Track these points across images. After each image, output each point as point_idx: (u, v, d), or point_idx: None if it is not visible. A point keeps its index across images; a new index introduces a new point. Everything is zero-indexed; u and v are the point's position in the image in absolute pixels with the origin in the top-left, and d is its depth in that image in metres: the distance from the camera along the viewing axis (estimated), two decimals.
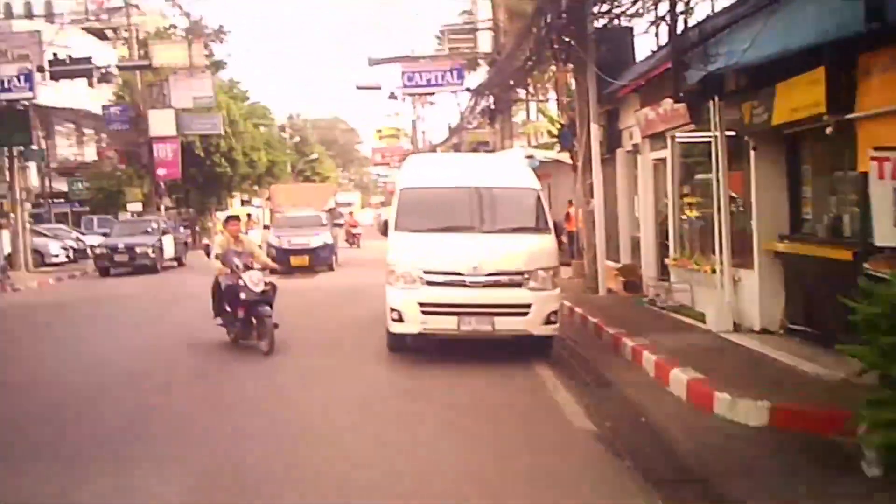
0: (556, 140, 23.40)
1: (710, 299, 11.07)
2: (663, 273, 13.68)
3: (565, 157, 20.86)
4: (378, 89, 31.93)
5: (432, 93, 30.19)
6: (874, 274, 6.82)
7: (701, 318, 11.04)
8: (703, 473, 5.74)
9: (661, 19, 13.27)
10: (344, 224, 38.15)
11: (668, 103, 12.01)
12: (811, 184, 9.31)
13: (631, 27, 16.42)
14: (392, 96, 32.59)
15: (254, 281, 10.40)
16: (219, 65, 45.12)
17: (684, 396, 7.74)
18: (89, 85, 40.67)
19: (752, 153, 9.79)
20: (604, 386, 8.59)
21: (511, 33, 23.25)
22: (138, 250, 24.96)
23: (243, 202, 54.09)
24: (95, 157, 40.92)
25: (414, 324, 9.41)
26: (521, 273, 9.39)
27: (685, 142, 12.71)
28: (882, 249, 7.01)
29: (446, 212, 10.18)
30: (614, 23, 14.81)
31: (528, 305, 9.32)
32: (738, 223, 10.53)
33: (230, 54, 52.84)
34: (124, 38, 39.47)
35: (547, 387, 8.58)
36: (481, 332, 9.34)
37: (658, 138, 13.45)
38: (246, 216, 30.43)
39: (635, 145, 14.63)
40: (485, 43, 28.86)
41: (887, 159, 6.36)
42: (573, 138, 16.95)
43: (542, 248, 9.77)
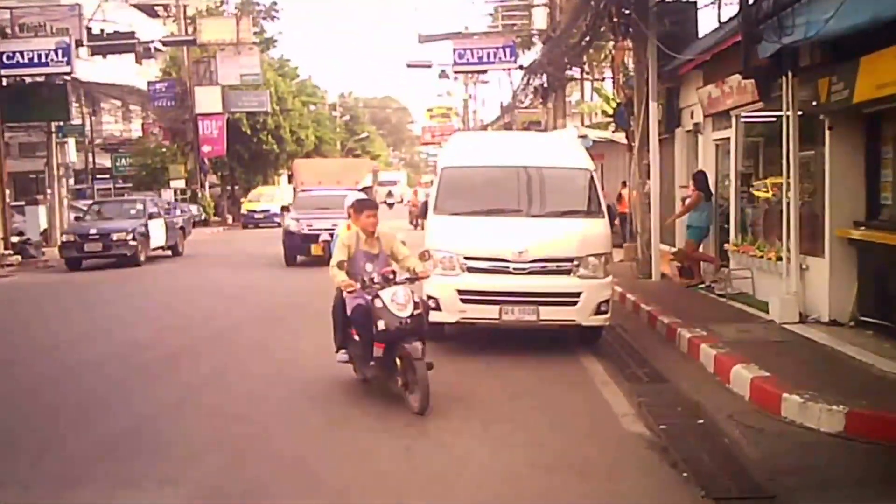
0: (610, 119, 22.65)
1: (773, 288, 10.38)
2: (722, 258, 12.93)
3: (620, 137, 20.15)
4: (429, 67, 31.36)
5: (484, 71, 29.43)
6: None
7: (763, 307, 10.35)
8: (771, 488, 5.11)
9: None
10: (407, 203, 36.30)
11: (734, 80, 11.26)
12: (892, 167, 8.50)
13: (695, 1, 15.62)
14: (443, 74, 32.06)
15: (399, 302, 6.97)
16: (269, 42, 45.02)
17: (747, 396, 7.09)
18: (137, 62, 40.92)
19: (826, 133, 9.01)
20: (657, 381, 7.96)
21: (567, 10, 22.43)
22: (114, 237, 20.27)
23: (289, 179, 54.09)
24: (140, 134, 41.11)
25: (452, 313, 8.82)
26: (570, 259, 8.77)
27: (751, 121, 11.92)
28: None
29: (491, 193, 9.59)
30: None
31: (577, 294, 8.70)
32: (808, 208, 9.77)
33: (281, 32, 52.64)
34: (173, 15, 39.48)
35: (594, 382, 7.96)
36: (525, 321, 8.74)
37: (721, 117, 12.65)
38: None
39: (696, 125, 13.83)
40: (540, 20, 28.07)
41: None
42: (629, 117, 16.20)
43: (594, 232, 9.13)
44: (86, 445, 6.25)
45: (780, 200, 11.39)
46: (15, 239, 22.50)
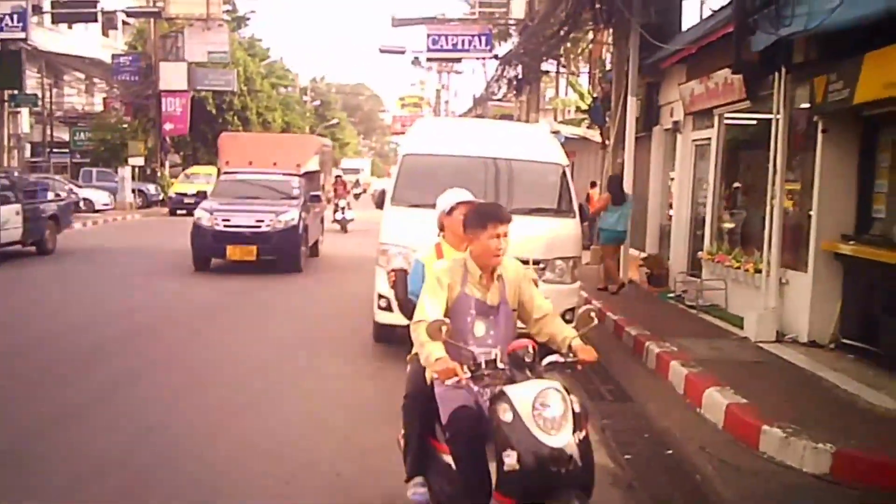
0: (584, 116, 21.96)
1: (748, 302, 9.69)
2: (694, 267, 12.22)
3: (593, 135, 19.47)
4: (402, 53, 30.33)
5: (458, 59, 28.58)
6: None
7: (736, 322, 9.66)
8: None
9: None
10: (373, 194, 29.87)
11: (719, 76, 10.53)
12: (888, 177, 7.78)
13: None
14: (416, 61, 31.13)
15: (548, 416, 3.43)
16: (240, 21, 43.81)
17: (721, 423, 6.33)
18: (104, 33, 39.50)
19: (819, 136, 8.27)
20: (622, 401, 7.20)
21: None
22: None
23: None
24: (102, 109, 39.63)
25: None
26: (536, 262, 7.96)
27: (736, 122, 11.20)
28: None
29: (454, 185, 8.72)
30: None
31: None
32: (792, 218, 9.06)
33: (254, 11, 51.16)
34: None
35: None
36: None
37: (703, 116, 11.92)
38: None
39: (676, 123, 13.08)
40: (518, 9, 27.25)
41: None
42: (605, 113, 15.49)
43: (563, 233, 8.34)
44: None
45: (748, 208, 10.77)
46: None
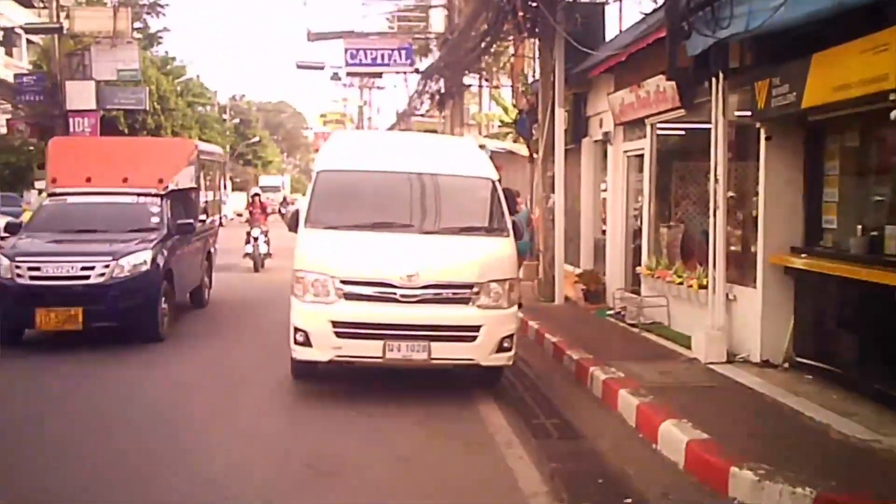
0: (509, 130, 21.49)
1: (692, 319, 9.29)
2: (633, 283, 11.74)
3: (520, 148, 18.97)
4: (321, 69, 29.42)
5: (379, 74, 27.85)
6: None
7: (682, 340, 9.20)
8: None
9: None
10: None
11: (651, 84, 10.10)
12: (838, 185, 7.36)
13: (604, 4, 14.51)
14: (335, 76, 30.25)
15: None
16: (153, 38, 42.26)
17: (681, 463, 5.73)
18: (7, 53, 37.63)
19: (762, 144, 7.82)
20: (570, 438, 6.54)
21: (467, 11, 21.14)
22: None
23: None
24: (5, 131, 37.62)
25: (325, 349, 7.18)
26: (469, 286, 7.26)
27: (670, 132, 10.79)
28: None
29: (376, 204, 8.00)
30: None
31: (476, 328, 7.19)
32: (737, 230, 8.62)
33: (167, 28, 49.33)
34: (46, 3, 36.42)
35: (496, 441, 6.40)
36: (414, 361, 7.17)
37: (635, 126, 11.47)
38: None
39: (606, 134, 12.61)
40: (438, 23, 26.70)
41: None
42: (532, 125, 14.97)
43: (497, 254, 7.64)
44: None
45: (687, 221, 10.35)
46: None
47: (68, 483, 5.36)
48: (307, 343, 7.17)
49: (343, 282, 7.16)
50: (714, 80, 8.17)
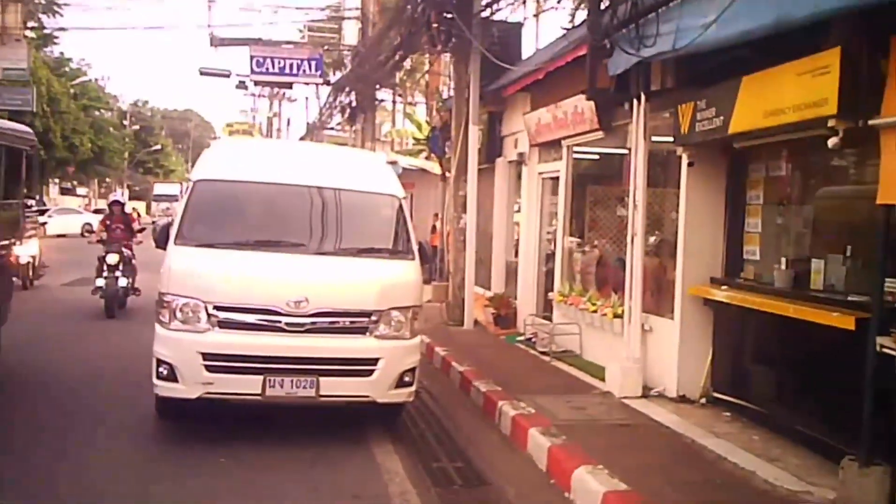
0: (422, 147, 21.06)
1: (605, 348, 8.96)
2: (545, 309, 11.32)
3: (433, 166, 18.52)
4: (227, 76, 28.26)
5: (286, 83, 26.87)
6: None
7: (594, 371, 8.84)
8: None
9: None
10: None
11: (568, 104, 9.73)
12: (761, 215, 7.06)
13: (521, 23, 14.21)
14: (241, 85, 29.12)
15: None
16: (48, 39, 40.22)
17: None
18: None
19: (684, 170, 7.47)
20: (475, 485, 5.92)
21: (381, 24, 20.59)
22: None
23: (64, 191, 48.11)
24: None
25: (193, 385, 6.26)
26: (367, 314, 6.55)
27: (587, 154, 10.43)
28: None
29: (263, 220, 7.14)
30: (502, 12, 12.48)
31: (373, 360, 6.47)
32: (654, 259, 8.26)
33: (64, 28, 46.90)
34: None
35: (389, 492, 5.68)
36: (299, 398, 6.38)
37: (550, 148, 11.09)
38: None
39: (521, 154, 12.22)
40: (351, 35, 26.07)
41: None
42: (445, 143, 14.48)
43: (400, 279, 6.95)
44: None
45: (602, 247, 10.03)
46: None
47: None
48: (172, 378, 6.26)
49: (217, 308, 6.29)
50: (635, 101, 7.82)
